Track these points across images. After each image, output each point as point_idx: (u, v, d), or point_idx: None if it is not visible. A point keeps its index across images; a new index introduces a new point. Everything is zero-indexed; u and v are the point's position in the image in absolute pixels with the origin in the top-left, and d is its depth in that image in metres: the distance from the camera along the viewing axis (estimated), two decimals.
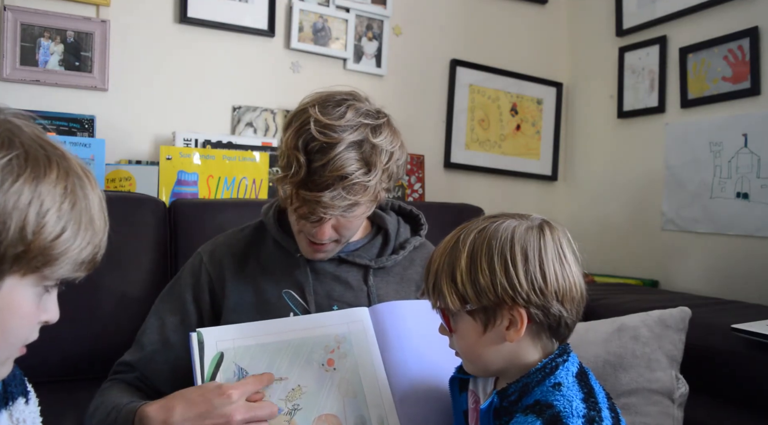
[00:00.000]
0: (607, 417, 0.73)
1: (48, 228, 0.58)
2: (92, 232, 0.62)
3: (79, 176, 0.62)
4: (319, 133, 0.95)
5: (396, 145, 1.03)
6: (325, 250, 1.08)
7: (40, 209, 0.57)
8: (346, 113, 0.98)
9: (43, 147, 0.60)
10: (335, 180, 0.95)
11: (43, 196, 0.58)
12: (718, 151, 1.95)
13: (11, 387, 0.73)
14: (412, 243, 1.18)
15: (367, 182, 0.97)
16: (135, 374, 1.08)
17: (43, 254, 0.58)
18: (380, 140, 0.99)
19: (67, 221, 0.59)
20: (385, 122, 1.03)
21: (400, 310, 1.03)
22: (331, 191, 0.95)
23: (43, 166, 0.59)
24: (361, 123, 0.98)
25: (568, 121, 2.58)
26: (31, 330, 0.63)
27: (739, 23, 1.90)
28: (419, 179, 2.23)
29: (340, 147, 0.94)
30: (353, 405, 0.93)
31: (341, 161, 0.94)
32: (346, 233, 1.06)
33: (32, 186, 0.57)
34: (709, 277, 1.97)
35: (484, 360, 0.80)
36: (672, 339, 1.25)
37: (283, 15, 2.06)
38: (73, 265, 0.62)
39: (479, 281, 0.75)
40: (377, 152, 0.98)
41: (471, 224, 0.81)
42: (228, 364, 0.94)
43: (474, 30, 2.40)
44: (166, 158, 1.72)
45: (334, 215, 0.99)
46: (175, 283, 1.17)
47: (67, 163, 0.62)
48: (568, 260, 0.77)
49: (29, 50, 1.71)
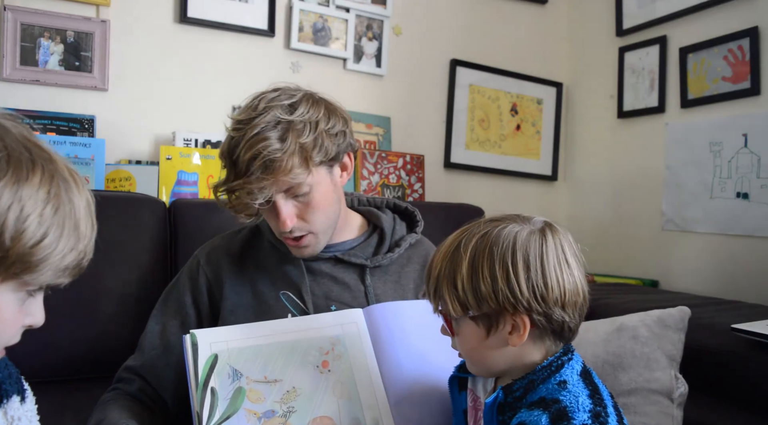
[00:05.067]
0: (612, 413, 0.74)
1: (28, 234, 0.56)
2: (76, 238, 0.60)
3: (65, 179, 0.60)
4: (234, 130, 1.00)
5: (319, 114, 1.03)
6: (304, 244, 1.07)
7: (20, 213, 0.55)
8: (258, 105, 1.01)
9: (29, 149, 0.58)
10: (249, 163, 0.97)
11: (23, 200, 0.56)
12: (718, 151, 1.95)
13: (6, 385, 0.72)
14: (408, 241, 1.18)
15: (279, 157, 0.97)
16: (137, 384, 1.08)
17: (22, 261, 0.56)
18: (296, 115, 1.00)
19: (48, 226, 0.57)
20: (300, 97, 1.03)
21: (395, 311, 1.03)
22: (249, 175, 0.97)
23: (26, 169, 0.57)
24: (273, 105, 1.00)
25: (568, 121, 2.58)
26: (13, 334, 0.62)
27: (739, 23, 1.90)
28: (419, 179, 2.23)
29: (250, 132, 0.97)
30: (348, 407, 0.93)
31: (250, 143, 0.97)
32: (315, 217, 1.05)
33: (13, 190, 0.55)
34: (709, 277, 1.97)
35: (487, 362, 0.80)
36: (671, 339, 1.25)
37: (283, 15, 2.06)
38: (56, 271, 0.60)
39: (480, 288, 0.75)
40: (293, 127, 0.99)
41: (472, 227, 0.80)
42: (222, 366, 0.93)
43: (474, 30, 2.40)
44: (166, 158, 1.72)
45: (268, 197, 0.99)
46: (174, 286, 1.17)
47: (53, 166, 0.60)
48: (570, 264, 0.77)
49: (29, 50, 1.71)
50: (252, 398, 0.92)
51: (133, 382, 1.08)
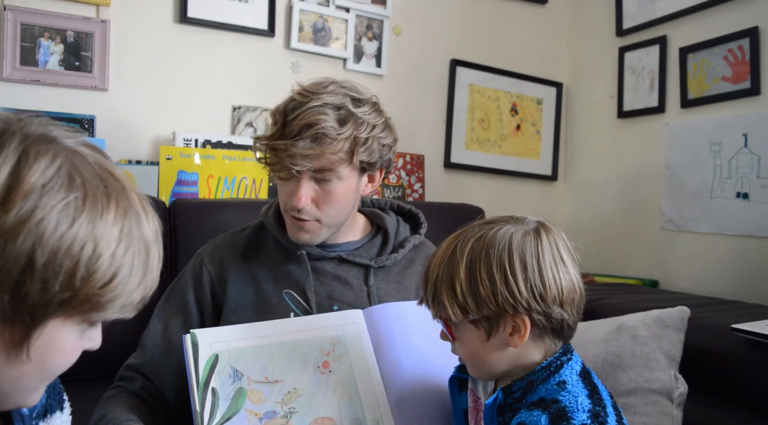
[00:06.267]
0: (612, 413, 0.74)
1: (98, 275, 0.54)
2: (143, 274, 0.58)
3: (137, 213, 0.58)
4: (299, 94, 1.03)
5: (379, 121, 1.06)
6: (307, 227, 1.07)
7: (93, 254, 0.53)
8: (329, 85, 1.04)
9: (104, 181, 0.56)
10: (303, 128, 0.98)
11: (97, 240, 0.53)
12: (718, 151, 1.95)
13: (51, 399, 0.71)
14: (411, 242, 1.18)
15: (335, 135, 0.99)
16: (139, 383, 1.07)
17: (90, 301, 0.55)
18: (360, 111, 1.03)
19: (119, 266, 0.55)
20: (370, 99, 1.07)
21: (395, 312, 1.03)
22: (298, 139, 0.98)
23: (101, 205, 0.54)
24: (343, 92, 1.03)
25: (568, 121, 2.58)
26: (72, 361, 0.60)
27: (739, 23, 1.90)
28: (419, 179, 2.23)
29: (314, 102, 1.00)
30: (349, 408, 0.93)
31: (312, 112, 0.99)
32: (328, 209, 1.05)
33: (87, 230, 0.53)
34: (709, 277, 1.97)
35: (488, 365, 0.81)
36: (671, 339, 1.25)
37: (283, 15, 2.06)
38: (122, 307, 0.58)
39: (479, 292, 0.75)
40: (354, 118, 1.02)
41: (467, 231, 0.81)
42: (223, 366, 0.93)
43: (474, 30, 2.40)
44: (166, 158, 1.72)
45: (305, 170, 1.00)
46: (177, 285, 1.17)
47: (126, 198, 0.57)
48: (566, 262, 0.78)
49: (29, 50, 1.71)
50: (253, 398, 0.92)
51: (135, 380, 1.08)
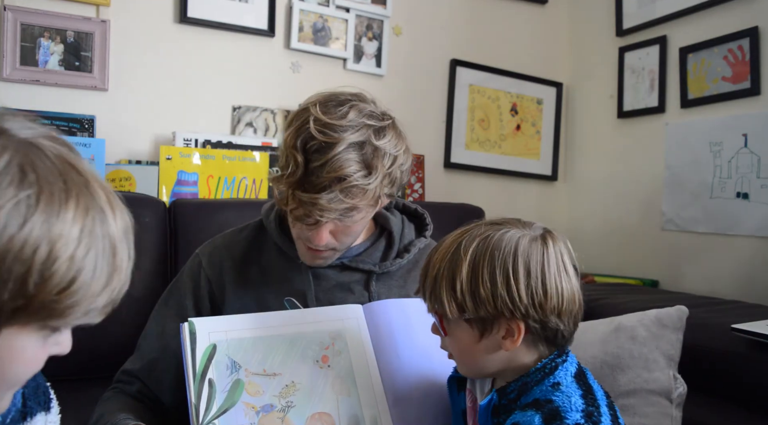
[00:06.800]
0: (606, 413, 0.74)
1: (54, 280, 0.48)
2: (109, 276, 0.52)
3: (101, 210, 0.52)
4: (319, 132, 0.91)
5: (400, 149, 0.99)
6: (323, 256, 1.04)
7: (48, 257, 0.48)
8: (349, 113, 0.94)
9: (64, 176, 0.50)
10: (333, 182, 0.91)
11: (53, 242, 0.48)
12: (718, 151, 1.95)
13: (31, 401, 0.68)
14: (417, 245, 1.15)
15: (366, 185, 0.93)
16: (137, 386, 1.06)
17: (47, 308, 0.49)
18: (383, 143, 0.95)
19: (78, 269, 0.50)
20: (389, 124, 0.99)
21: (395, 309, 1.02)
22: (328, 193, 0.91)
23: (59, 203, 0.49)
24: (363, 124, 0.94)
25: (568, 121, 2.58)
26: (36, 369, 0.55)
27: (739, 23, 1.90)
28: (419, 179, 2.23)
29: (339, 147, 0.90)
30: (347, 403, 0.92)
31: (340, 161, 0.91)
32: (345, 239, 1.02)
33: (41, 231, 0.48)
34: (709, 277, 1.97)
35: (478, 364, 0.80)
36: (669, 339, 1.25)
37: (283, 15, 2.06)
38: (85, 313, 0.53)
39: (479, 292, 0.75)
40: (379, 155, 0.94)
41: (473, 229, 0.80)
42: (221, 357, 0.91)
43: (474, 30, 2.40)
44: (166, 158, 1.72)
45: (331, 219, 0.95)
46: (174, 287, 1.14)
47: (90, 194, 0.52)
48: (569, 272, 0.77)
49: (29, 50, 1.71)
50: (251, 391, 0.90)
51: (133, 384, 1.07)
